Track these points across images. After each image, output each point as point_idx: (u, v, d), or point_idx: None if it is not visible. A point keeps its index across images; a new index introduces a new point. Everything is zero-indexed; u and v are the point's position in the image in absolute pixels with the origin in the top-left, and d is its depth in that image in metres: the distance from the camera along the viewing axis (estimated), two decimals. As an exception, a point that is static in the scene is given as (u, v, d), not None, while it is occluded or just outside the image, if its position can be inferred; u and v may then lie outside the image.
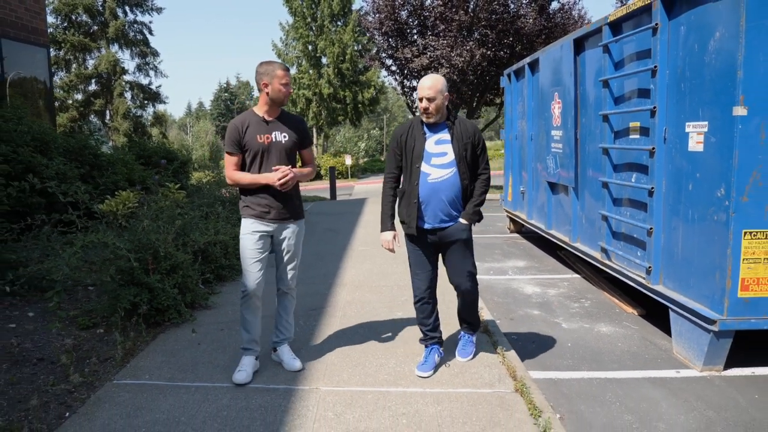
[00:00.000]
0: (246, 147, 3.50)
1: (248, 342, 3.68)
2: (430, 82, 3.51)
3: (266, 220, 3.55)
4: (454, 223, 3.61)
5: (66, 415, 3.09)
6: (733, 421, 3.35)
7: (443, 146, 3.57)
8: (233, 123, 3.54)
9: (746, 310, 3.86)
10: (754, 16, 3.59)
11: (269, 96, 3.50)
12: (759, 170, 3.74)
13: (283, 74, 3.49)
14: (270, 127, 3.55)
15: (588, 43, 6.06)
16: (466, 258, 3.71)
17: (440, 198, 3.55)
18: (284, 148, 3.56)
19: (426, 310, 3.82)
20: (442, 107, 3.56)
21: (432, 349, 3.83)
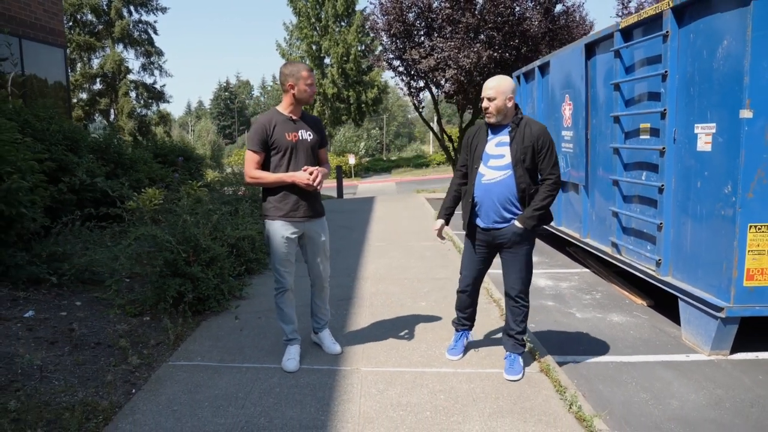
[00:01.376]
0: (274, 145, 3.58)
1: (291, 333, 3.89)
2: (493, 83, 3.53)
3: (295, 219, 3.65)
4: (508, 225, 3.61)
5: (132, 391, 3.39)
6: (739, 399, 3.65)
7: (502, 148, 3.58)
8: (260, 121, 3.61)
9: (751, 298, 4.17)
10: (760, 26, 3.89)
11: (295, 96, 3.60)
12: (763, 168, 4.04)
13: (308, 75, 3.58)
14: (297, 126, 3.65)
15: (599, 48, 6.36)
16: (517, 264, 3.68)
17: (492, 199, 3.58)
18: (311, 147, 3.68)
19: (464, 302, 3.98)
20: (504, 108, 3.53)
21: (462, 334, 4.06)
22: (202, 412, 3.17)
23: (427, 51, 14.87)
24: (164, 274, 4.51)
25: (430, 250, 7.71)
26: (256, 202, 8.00)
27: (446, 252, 7.57)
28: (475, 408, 3.26)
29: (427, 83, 16.34)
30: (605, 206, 6.23)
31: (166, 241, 4.38)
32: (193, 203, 5.57)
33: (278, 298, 3.83)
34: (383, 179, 28.08)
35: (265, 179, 3.59)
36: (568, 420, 3.13)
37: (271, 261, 3.77)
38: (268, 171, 3.64)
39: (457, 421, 3.10)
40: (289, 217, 3.63)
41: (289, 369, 3.73)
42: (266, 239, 3.77)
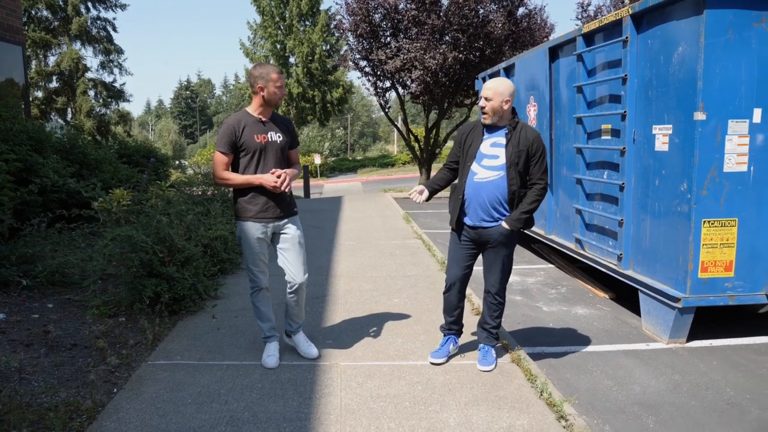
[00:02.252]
0: (243, 147, 3.56)
1: (269, 330, 3.92)
2: (492, 84, 3.57)
3: (264, 219, 3.64)
4: (496, 225, 3.66)
5: (114, 391, 3.42)
6: (695, 383, 3.90)
7: (497, 149, 3.62)
8: (229, 123, 3.58)
9: (705, 288, 4.44)
10: (712, 34, 4.15)
11: (264, 98, 3.59)
12: (716, 167, 4.32)
13: (278, 77, 3.57)
14: (266, 128, 3.64)
15: (562, 51, 6.61)
16: (498, 263, 3.75)
17: (482, 198, 3.62)
18: (279, 148, 3.66)
19: (451, 302, 3.93)
20: (501, 110, 3.57)
21: (449, 338, 4.00)
22: (186, 408, 3.23)
23: (393, 52, 15.03)
24: (140, 275, 4.52)
25: (400, 248, 7.85)
26: (227, 202, 8.00)
27: (416, 250, 7.72)
28: (452, 397, 3.40)
29: (393, 84, 16.50)
30: (569, 204, 6.48)
31: (142, 242, 4.40)
32: (165, 204, 5.56)
33: (254, 297, 3.87)
34: (349, 179, 28.16)
35: (233, 181, 3.60)
36: (539, 406, 3.31)
37: (245, 261, 3.79)
38: (238, 172, 3.63)
39: (435, 410, 3.24)
40: (258, 218, 3.63)
41: (269, 365, 3.79)
42: (238, 239, 3.79)
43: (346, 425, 3.07)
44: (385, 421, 3.12)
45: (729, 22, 4.16)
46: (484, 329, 3.96)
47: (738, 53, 4.20)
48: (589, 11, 23.07)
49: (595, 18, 22.73)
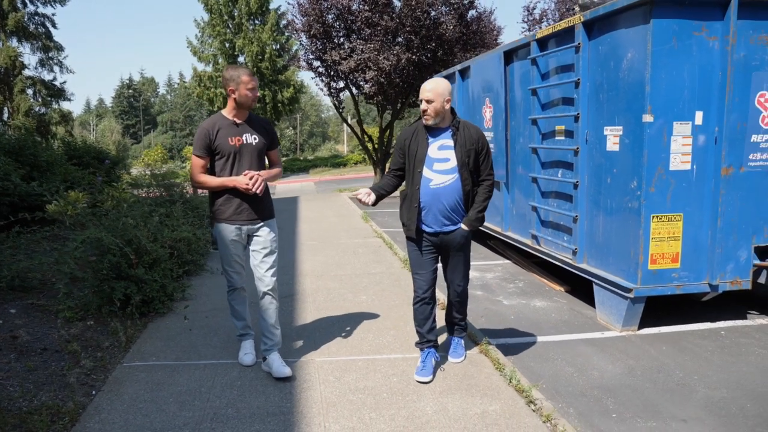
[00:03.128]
0: (217, 150, 3.56)
1: (243, 328, 3.97)
2: (430, 85, 3.51)
3: (239, 221, 3.63)
4: (456, 228, 3.66)
5: (93, 393, 3.42)
6: (648, 367, 4.19)
7: (446, 152, 3.57)
8: (203, 127, 3.58)
9: (654, 279, 4.76)
10: (658, 42, 4.46)
11: (237, 101, 3.57)
12: (662, 166, 4.64)
13: (249, 79, 3.53)
14: (240, 130, 3.61)
15: (517, 55, 6.89)
16: (463, 260, 3.82)
17: (441, 203, 3.58)
18: (255, 150, 3.64)
19: (425, 311, 3.82)
20: (443, 111, 3.52)
21: (429, 353, 3.83)
22: (168, 407, 3.27)
23: (347, 52, 15.13)
24: (108, 277, 4.49)
25: (362, 247, 7.98)
26: (187, 203, 7.94)
27: (378, 248, 7.87)
28: (427, 388, 3.57)
29: (347, 84, 16.61)
30: (525, 202, 6.77)
31: (112, 244, 4.37)
32: (129, 206, 5.51)
33: (230, 296, 3.91)
34: (302, 179, 28.05)
35: (208, 183, 3.61)
36: (509, 392, 3.51)
37: (221, 261, 3.84)
38: (215, 175, 3.62)
39: (412, 400, 3.40)
40: (232, 220, 3.62)
41: (246, 363, 3.85)
42: (214, 240, 3.82)
43: (328, 417, 3.19)
44: (366, 412, 3.25)
45: (673, 31, 4.48)
46: (453, 323, 4.10)
47: (681, 60, 4.54)
48: (535, 15, 23.84)
49: (541, 21, 23.49)
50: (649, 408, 3.57)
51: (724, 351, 4.48)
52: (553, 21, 23.14)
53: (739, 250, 4.85)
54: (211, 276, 6.27)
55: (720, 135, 4.66)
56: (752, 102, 4.70)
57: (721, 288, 4.86)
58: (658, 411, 3.53)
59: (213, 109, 31.16)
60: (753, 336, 4.79)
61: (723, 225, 4.75)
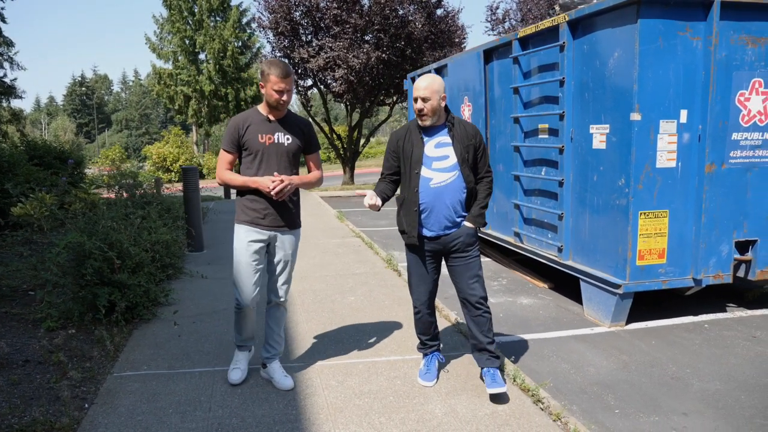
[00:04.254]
0: (246, 146, 3.33)
1: (243, 340, 3.61)
2: (425, 83, 3.34)
3: (260, 226, 3.35)
4: (458, 229, 3.47)
5: (85, 406, 3.25)
6: (641, 361, 4.26)
7: (444, 149, 3.42)
8: (234, 120, 3.38)
9: (642, 275, 4.84)
10: (645, 41, 4.53)
11: (265, 98, 3.35)
12: (650, 163, 4.72)
13: (277, 80, 3.22)
14: (273, 128, 3.36)
15: (497, 54, 6.91)
16: (471, 267, 3.49)
17: (444, 203, 3.40)
18: (287, 152, 3.38)
19: (427, 321, 3.66)
20: (439, 108, 3.38)
21: (432, 356, 3.72)
22: (169, 419, 3.13)
23: (315, 50, 14.99)
24: (91, 283, 4.29)
25: (342, 247, 7.90)
26: (162, 204, 7.70)
27: (358, 248, 7.80)
28: (432, 390, 3.52)
29: (315, 82, 16.45)
30: (506, 200, 6.80)
31: (96, 249, 4.17)
32: (110, 206, 5.29)
33: (237, 315, 3.53)
34: (266, 178, 27.74)
35: (232, 182, 3.38)
36: (515, 391, 3.50)
37: (234, 270, 3.41)
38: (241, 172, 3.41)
39: (420, 403, 3.35)
40: (255, 223, 3.35)
41: (233, 381, 3.51)
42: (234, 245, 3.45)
43: (338, 423, 3.11)
44: (375, 416, 3.18)
45: (659, 31, 4.56)
46: (480, 350, 3.53)
47: (667, 59, 4.62)
48: (498, 14, 24.16)
49: (503, 21, 23.81)
50: (649, 403, 3.62)
51: (710, 344, 4.58)
52: (515, 21, 23.49)
53: (721, 245, 4.98)
54: (191, 279, 6.08)
55: (703, 133, 4.77)
56: (733, 101, 4.83)
57: (705, 282, 4.98)
58: (658, 405, 3.58)
59: (174, 107, 30.44)
60: (736, 328, 4.92)
61: (706, 221, 4.86)
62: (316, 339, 4.37)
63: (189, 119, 31.81)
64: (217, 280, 6.07)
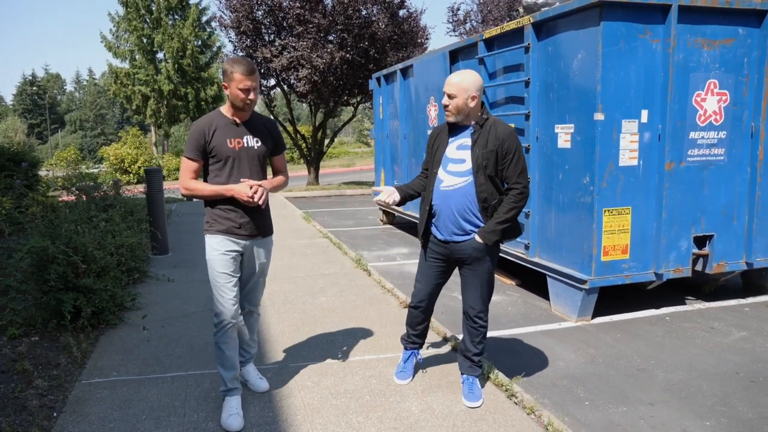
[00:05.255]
0: (213, 153, 3.09)
1: (231, 381, 3.20)
2: (456, 78, 3.18)
3: (237, 236, 3.14)
4: (469, 239, 3.27)
5: (54, 415, 3.16)
6: (607, 354, 4.38)
7: (462, 152, 3.24)
8: (198, 125, 3.11)
9: (607, 270, 4.98)
10: (608, 44, 4.66)
11: (229, 99, 3.11)
12: (613, 162, 4.86)
13: (242, 78, 2.99)
14: (241, 131, 3.14)
15: (462, 54, 7.00)
16: (477, 282, 3.36)
17: (450, 208, 3.25)
18: (257, 155, 3.18)
19: (419, 317, 3.59)
20: (466, 108, 3.18)
21: (411, 353, 3.67)
22: (143, 425, 3.07)
23: (278, 50, 14.86)
24: (55, 289, 4.16)
25: (310, 248, 7.87)
26: (124, 207, 7.52)
27: (326, 249, 7.78)
28: (408, 388, 3.55)
29: (278, 82, 16.31)
30: (474, 198, 6.88)
31: (60, 253, 4.05)
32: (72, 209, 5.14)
33: (219, 337, 3.15)
34: (228, 179, 27.37)
35: (200, 192, 3.10)
36: (489, 387, 3.56)
37: (212, 285, 3.16)
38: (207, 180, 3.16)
39: (396, 401, 3.37)
40: (231, 233, 3.13)
41: (232, 428, 3.03)
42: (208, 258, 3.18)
43: (315, 424, 3.11)
44: (353, 416, 3.19)
45: (621, 34, 4.70)
46: (465, 357, 3.51)
47: (628, 61, 4.77)
48: (459, 15, 24.44)
49: (465, 22, 24.10)
50: (617, 394, 3.73)
51: (672, 336, 4.75)
52: (476, 22, 23.81)
53: (681, 240, 5.16)
54: (157, 283, 5.96)
55: (663, 132, 4.93)
56: (690, 101, 5.01)
57: (666, 276, 5.15)
58: (626, 396, 3.70)
59: (132, 107, 29.73)
60: (695, 320, 5.11)
61: (667, 217, 5.03)
62: (289, 340, 4.35)
63: (147, 119, 31.13)
64: (184, 283, 5.97)
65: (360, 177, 23.10)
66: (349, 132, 61.55)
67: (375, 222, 10.99)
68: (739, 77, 5.14)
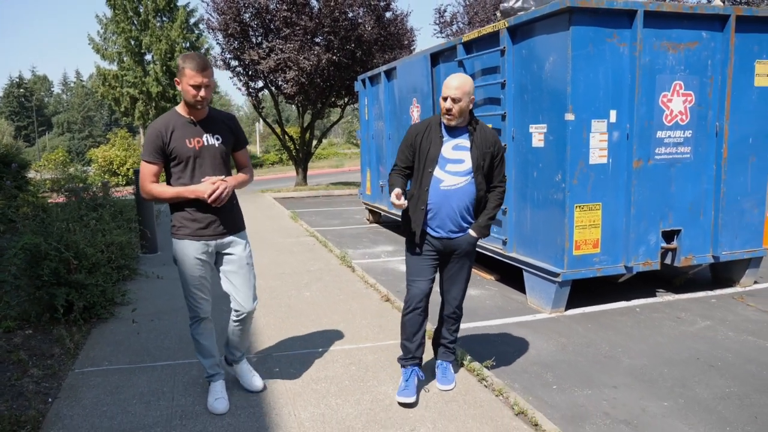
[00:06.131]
0: (173, 154, 3.03)
1: (211, 368, 3.37)
2: (457, 82, 3.27)
3: (205, 237, 3.12)
4: (463, 234, 3.43)
5: (49, 400, 3.34)
6: (578, 343, 4.61)
7: (461, 153, 3.34)
8: (154, 127, 3.04)
9: (579, 264, 5.22)
10: (577, 47, 4.90)
11: (183, 96, 3.05)
12: (583, 160, 5.09)
13: (193, 73, 2.92)
14: (199, 130, 3.09)
15: (443, 57, 7.22)
16: (462, 275, 3.57)
17: (451, 207, 3.34)
18: (218, 153, 3.13)
19: (417, 321, 3.51)
20: (466, 111, 3.32)
21: (412, 371, 3.50)
22: (134, 408, 3.26)
23: (265, 52, 15.03)
24: (48, 284, 4.33)
25: (297, 246, 8.06)
26: (114, 205, 7.68)
27: (312, 247, 7.97)
28: (385, 373, 3.77)
29: (266, 84, 16.48)
30: (455, 197, 7.11)
31: (53, 250, 4.22)
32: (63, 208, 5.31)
33: (194, 329, 3.30)
34: (217, 181, 27.48)
35: (163, 195, 3.06)
36: (461, 372, 3.78)
37: (183, 286, 3.23)
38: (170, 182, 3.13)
39: (373, 385, 3.58)
40: (198, 235, 3.10)
41: (218, 411, 3.20)
42: (174, 260, 3.23)
43: (297, 406, 3.31)
44: (332, 399, 3.40)
45: (589, 38, 4.93)
46: (441, 344, 3.72)
47: (596, 63, 5.00)
48: (446, 17, 24.72)
49: (452, 23, 24.37)
50: (584, 378, 3.96)
51: (640, 325, 4.99)
52: (462, 24, 24.09)
53: (649, 235, 5.41)
54: (146, 280, 6.14)
55: (631, 131, 5.17)
56: (657, 102, 5.26)
57: (636, 269, 5.39)
58: (592, 380, 3.92)
59: (120, 109, 29.74)
60: (663, 311, 5.36)
61: (635, 212, 5.28)
62: (273, 332, 4.54)
63: (136, 121, 31.17)
64: (173, 280, 6.14)
65: (348, 177, 23.29)
66: (339, 133, 61.74)
67: (362, 221, 11.20)
68: (704, 79, 5.40)
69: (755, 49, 5.54)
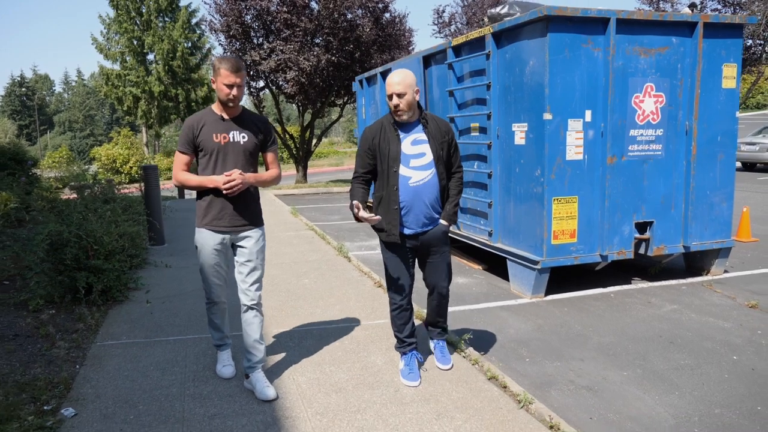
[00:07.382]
0: (201, 147, 3.32)
1: (220, 339, 3.70)
2: (398, 77, 3.34)
3: (220, 227, 3.36)
4: (435, 226, 3.55)
5: (77, 367, 3.77)
6: (553, 324, 5.04)
7: (420, 146, 3.44)
8: (189, 121, 3.38)
9: (556, 252, 5.64)
10: (554, 52, 5.32)
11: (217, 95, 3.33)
12: (561, 156, 5.52)
13: (228, 73, 3.20)
14: (227, 126, 3.34)
15: (434, 60, 7.65)
16: (444, 263, 3.69)
17: (423, 201, 3.44)
18: (243, 150, 3.37)
19: (404, 317, 3.69)
20: (413, 104, 3.39)
21: (411, 355, 3.72)
22: (152, 373, 3.69)
23: (266, 53, 15.46)
24: (70, 268, 4.77)
25: (296, 238, 8.49)
26: (125, 200, 8.11)
27: (311, 239, 8.40)
28: (375, 346, 4.20)
29: (267, 84, 16.91)
30: (445, 191, 7.54)
31: (75, 237, 4.66)
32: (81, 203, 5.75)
33: (208, 309, 3.63)
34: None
35: (188, 182, 3.36)
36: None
37: (200, 271, 3.52)
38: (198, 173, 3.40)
39: (364, 355, 4.02)
40: (214, 225, 3.36)
41: (225, 375, 3.63)
42: (195, 247, 3.50)
43: (296, 372, 3.74)
44: (327, 366, 3.83)
45: (566, 43, 5.36)
46: (435, 326, 3.95)
47: (573, 67, 5.43)
48: (444, 17, 25.12)
49: (450, 24, 24.77)
50: (555, 353, 4.39)
51: (613, 309, 5.42)
52: (460, 24, 24.50)
53: (623, 226, 5.83)
54: (155, 268, 6.57)
55: (605, 130, 5.60)
56: (629, 102, 5.68)
57: (611, 258, 5.82)
58: (562, 354, 4.35)
59: (123, 108, 30.19)
60: (635, 296, 5.79)
61: (610, 205, 5.70)
62: (274, 314, 4.97)
63: (138, 120, 31.64)
64: (181, 268, 6.59)
65: (347, 176, 23.72)
66: (339, 132, 62.14)
67: (359, 216, 11.61)
68: (674, 81, 5.83)
69: (722, 53, 5.96)
